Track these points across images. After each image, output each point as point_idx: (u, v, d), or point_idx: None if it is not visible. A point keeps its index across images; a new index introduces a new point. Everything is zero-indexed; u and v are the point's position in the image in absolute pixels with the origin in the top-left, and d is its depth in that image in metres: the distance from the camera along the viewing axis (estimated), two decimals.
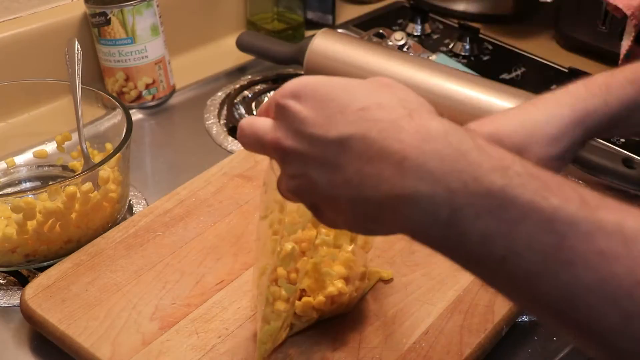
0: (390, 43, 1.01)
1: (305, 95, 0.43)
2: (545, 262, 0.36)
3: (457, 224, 0.38)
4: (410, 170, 0.39)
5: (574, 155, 0.59)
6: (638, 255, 0.35)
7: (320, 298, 0.57)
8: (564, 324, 0.38)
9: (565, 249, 0.36)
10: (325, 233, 0.58)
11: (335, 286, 0.58)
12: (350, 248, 0.59)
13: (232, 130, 0.92)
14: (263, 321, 0.55)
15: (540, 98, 0.58)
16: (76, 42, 0.79)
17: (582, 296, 0.36)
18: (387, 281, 0.63)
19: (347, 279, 0.58)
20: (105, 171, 0.68)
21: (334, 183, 0.42)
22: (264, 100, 0.99)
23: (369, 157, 0.40)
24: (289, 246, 0.54)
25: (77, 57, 0.78)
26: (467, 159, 0.38)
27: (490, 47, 1.09)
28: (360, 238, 0.59)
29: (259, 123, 0.46)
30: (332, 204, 0.43)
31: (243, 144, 0.48)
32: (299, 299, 0.57)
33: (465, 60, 1.06)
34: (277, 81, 1.01)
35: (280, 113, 0.44)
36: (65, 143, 0.80)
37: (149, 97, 0.94)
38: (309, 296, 0.58)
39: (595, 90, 0.57)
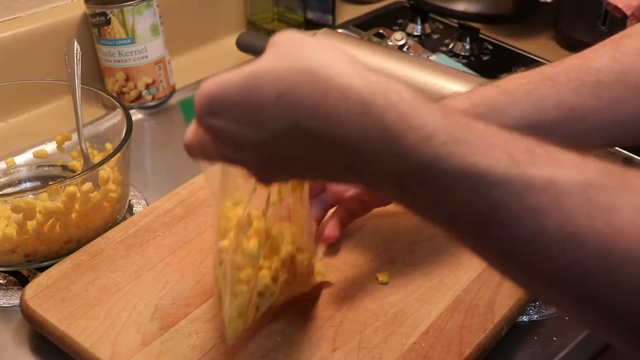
0: (390, 43, 1.01)
1: (218, 109, 0.42)
2: (482, 224, 0.38)
3: (407, 192, 0.40)
4: (352, 152, 0.40)
5: None
6: (569, 209, 0.36)
7: (276, 264, 0.57)
8: (513, 275, 0.41)
9: (498, 209, 0.37)
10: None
11: (287, 248, 0.57)
12: (290, 200, 0.58)
13: None
14: (231, 296, 0.54)
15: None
16: (75, 43, 0.79)
17: (519, 252, 0.38)
18: (387, 281, 0.63)
19: (299, 248, 0.58)
20: (105, 171, 0.68)
21: (296, 171, 0.45)
22: None
23: (311, 145, 0.41)
24: (243, 213, 0.54)
25: (77, 57, 0.78)
26: (393, 135, 0.39)
27: (490, 47, 1.09)
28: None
29: (200, 144, 0.46)
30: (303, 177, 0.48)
31: (194, 159, 0.48)
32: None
33: (465, 60, 1.06)
34: None
35: (210, 134, 0.44)
36: (65, 143, 0.80)
37: (149, 97, 0.94)
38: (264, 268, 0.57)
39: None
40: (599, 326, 0.39)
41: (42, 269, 0.65)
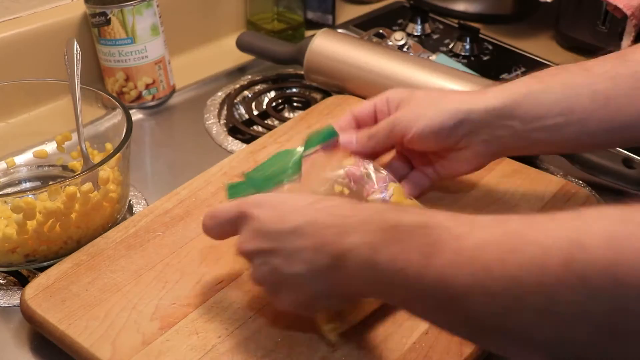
0: (390, 43, 1.01)
1: (264, 204, 0.52)
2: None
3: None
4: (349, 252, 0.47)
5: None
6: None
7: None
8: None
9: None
10: None
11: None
12: None
13: (232, 131, 0.92)
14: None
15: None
16: (75, 43, 0.79)
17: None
18: None
19: None
20: (105, 171, 0.68)
21: (294, 267, 0.50)
22: (264, 100, 0.99)
23: (320, 241, 0.49)
24: None
25: (76, 57, 0.78)
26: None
27: (490, 47, 1.09)
28: None
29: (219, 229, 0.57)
30: (291, 284, 0.52)
31: None
32: None
33: (465, 60, 1.06)
34: (277, 81, 1.01)
35: (242, 220, 0.53)
36: (65, 143, 0.80)
37: (149, 97, 0.94)
38: None
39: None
40: None
41: (42, 269, 0.65)
